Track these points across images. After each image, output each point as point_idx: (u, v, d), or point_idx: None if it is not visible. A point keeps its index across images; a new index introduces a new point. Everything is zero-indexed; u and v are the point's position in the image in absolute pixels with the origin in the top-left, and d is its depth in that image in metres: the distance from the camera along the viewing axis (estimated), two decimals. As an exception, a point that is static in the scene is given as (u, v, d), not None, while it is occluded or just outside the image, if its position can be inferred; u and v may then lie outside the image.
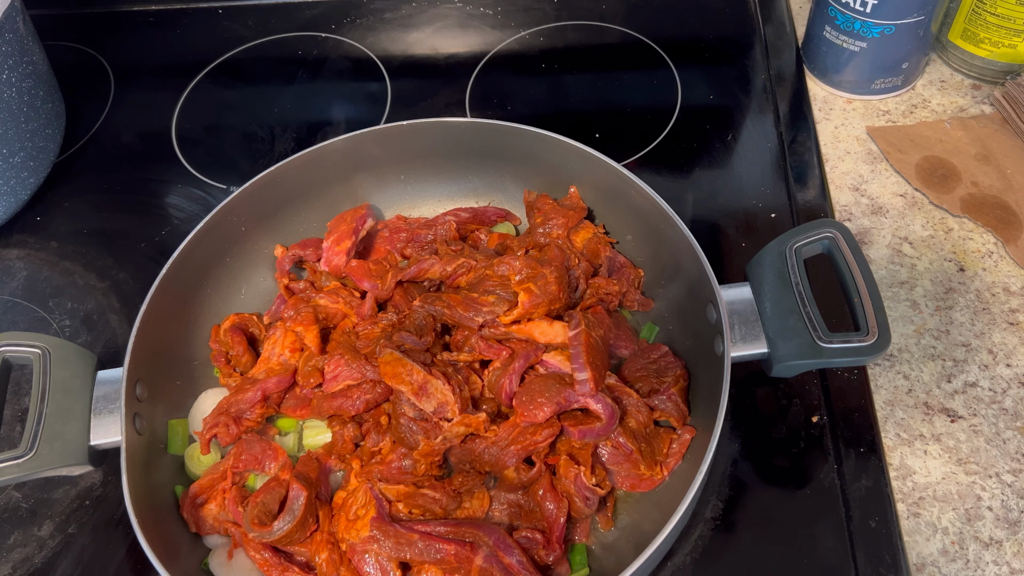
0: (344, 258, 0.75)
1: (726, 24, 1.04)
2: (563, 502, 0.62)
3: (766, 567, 0.63)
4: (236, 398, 0.67)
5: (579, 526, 0.64)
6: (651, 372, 0.68)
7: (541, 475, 0.63)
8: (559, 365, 0.65)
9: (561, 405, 0.62)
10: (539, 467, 0.63)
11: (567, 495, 0.62)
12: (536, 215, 0.76)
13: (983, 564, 0.62)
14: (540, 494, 0.62)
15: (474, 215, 0.80)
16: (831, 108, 0.92)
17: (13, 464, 0.59)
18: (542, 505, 0.62)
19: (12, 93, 0.83)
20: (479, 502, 0.63)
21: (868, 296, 0.59)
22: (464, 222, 0.79)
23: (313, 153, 0.76)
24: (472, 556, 0.58)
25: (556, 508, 0.61)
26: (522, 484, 0.64)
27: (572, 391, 0.62)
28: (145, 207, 0.93)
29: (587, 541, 0.64)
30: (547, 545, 0.61)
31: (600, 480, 0.63)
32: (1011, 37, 0.85)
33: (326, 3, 1.13)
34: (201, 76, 1.06)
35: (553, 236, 0.74)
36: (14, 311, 0.85)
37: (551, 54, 1.03)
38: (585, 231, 0.75)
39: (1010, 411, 0.68)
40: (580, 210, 0.76)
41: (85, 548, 0.69)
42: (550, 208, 0.76)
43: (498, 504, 0.64)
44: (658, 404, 0.66)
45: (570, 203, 0.77)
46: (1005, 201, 0.80)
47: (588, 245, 0.74)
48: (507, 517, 0.63)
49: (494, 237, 0.79)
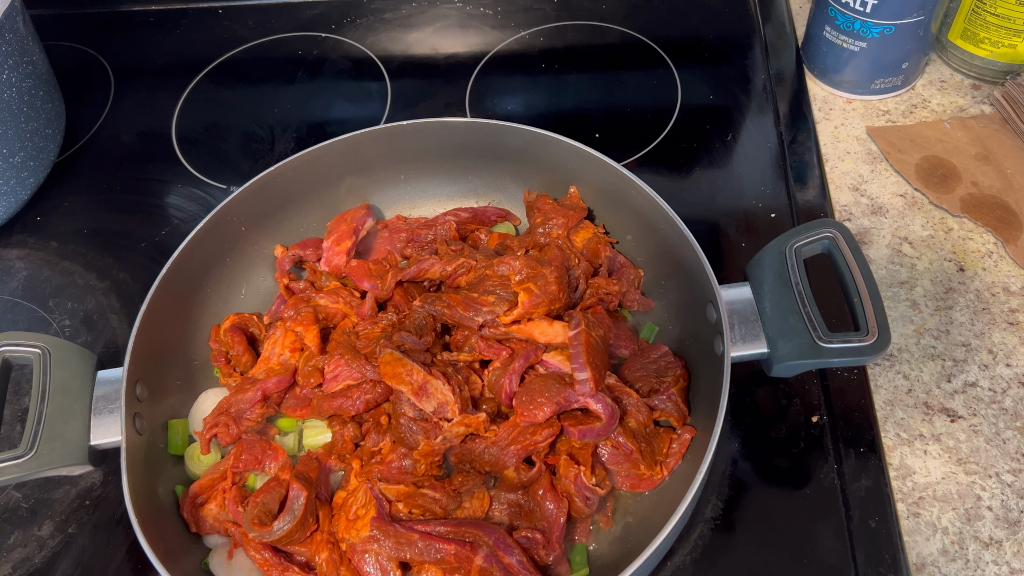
0: (344, 258, 0.75)
1: (726, 24, 1.04)
2: (563, 502, 0.62)
3: (766, 567, 0.63)
4: (236, 398, 0.67)
5: (579, 526, 0.64)
6: (651, 372, 0.68)
7: (541, 475, 0.63)
8: (559, 365, 0.65)
9: (561, 405, 0.62)
10: (539, 467, 0.63)
11: (567, 495, 0.62)
12: (536, 215, 0.76)
13: (983, 564, 0.62)
14: (540, 494, 0.62)
15: (474, 215, 0.80)
16: (831, 108, 0.92)
17: (13, 464, 0.59)
18: (542, 505, 0.62)
19: (12, 93, 0.83)
20: (479, 502, 0.63)
21: (868, 296, 0.59)
22: (464, 222, 0.79)
23: (313, 153, 0.76)
24: (472, 556, 0.58)
25: (556, 508, 0.61)
26: (522, 484, 0.64)
27: (572, 391, 0.62)
28: (145, 207, 0.93)
29: (587, 541, 0.64)
30: (547, 545, 0.61)
31: (600, 480, 0.63)
32: (1011, 37, 0.85)
33: (326, 3, 1.13)
34: (201, 76, 1.06)
35: (553, 236, 0.74)
36: (14, 311, 0.85)
37: (551, 54, 1.03)
38: (585, 231, 0.75)
39: (1010, 411, 0.68)
40: (580, 210, 0.76)
41: (85, 548, 0.69)
42: (550, 208, 0.76)
43: (498, 504, 0.64)
44: (658, 404, 0.66)
45: (570, 203, 0.77)
46: (1005, 201, 0.80)
47: (588, 245, 0.74)
48: (507, 517, 0.63)
49: (494, 237, 0.79)
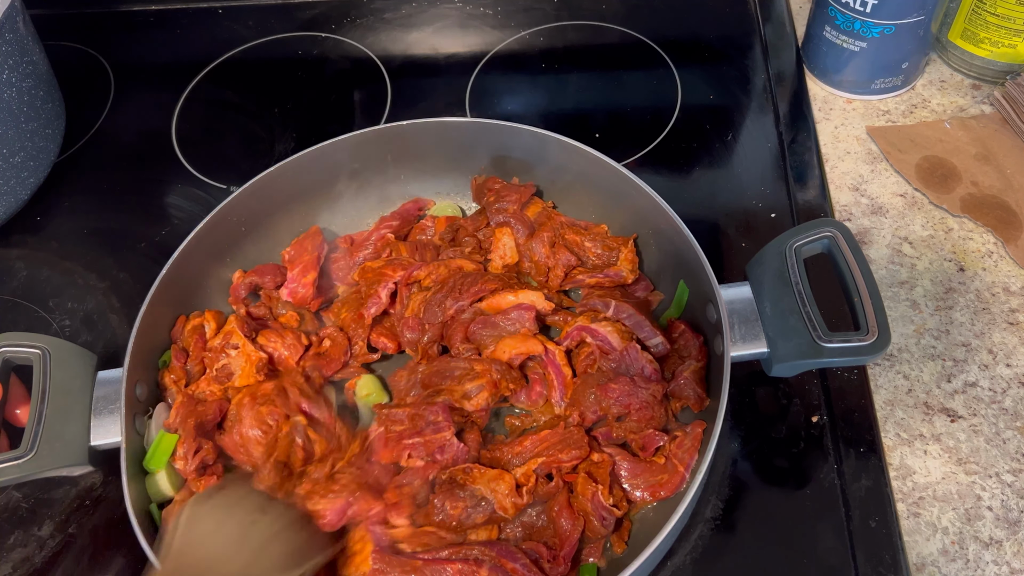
0: (311, 290, 0.75)
1: (726, 24, 1.04)
2: (579, 520, 0.61)
3: (766, 567, 0.63)
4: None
5: (592, 546, 0.62)
6: (673, 352, 0.68)
7: (559, 491, 0.62)
8: (608, 337, 0.66)
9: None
10: (557, 482, 0.63)
11: (583, 513, 0.61)
12: (489, 194, 0.78)
13: (983, 564, 0.62)
14: (556, 510, 0.61)
15: (401, 219, 0.80)
16: (831, 108, 0.92)
17: (14, 464, 0.59)
18: (557, 522, 0.61)
19: (12, 93, 0.83)
20: (486, 532, 0.62)
21: (868, 295, 0.59)
22: (397, 229, 0.79)
23: (313, 153, 0.76)
24: (478, 570, 0.58)
25: (571, 526, 0.60)
26: (539, 498, 0.63)
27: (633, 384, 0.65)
28: (145, 207, 0.93)
29: (599, 562, 0.62)
30: (552, 560, 0.60)
31: (618, 500, 0.62)
32: (1011, 37, 0.85)
33: (326, 3, 1.13)
34: (201, 76, 1.06)
35: (508, 212, 0.76)
36: (14, 311, 0.85)
37: (551, 54, 1.03)
38: (535, 206, 0.78)
39: (1010, 411, 0.68)
40: (529, 186, 0.79)
41: (85, 548, 0.69)
42: (502, 187, 0.78)
43: (511, 527, 0.63)
44: (674, 389, 0.66)
45: (516, 183, 0.80)
46: (1005, 201, 0.80)
47: (539, 218, 0.77)
48: (520, 535, 0.63)
49: (441, 221, 0.80)
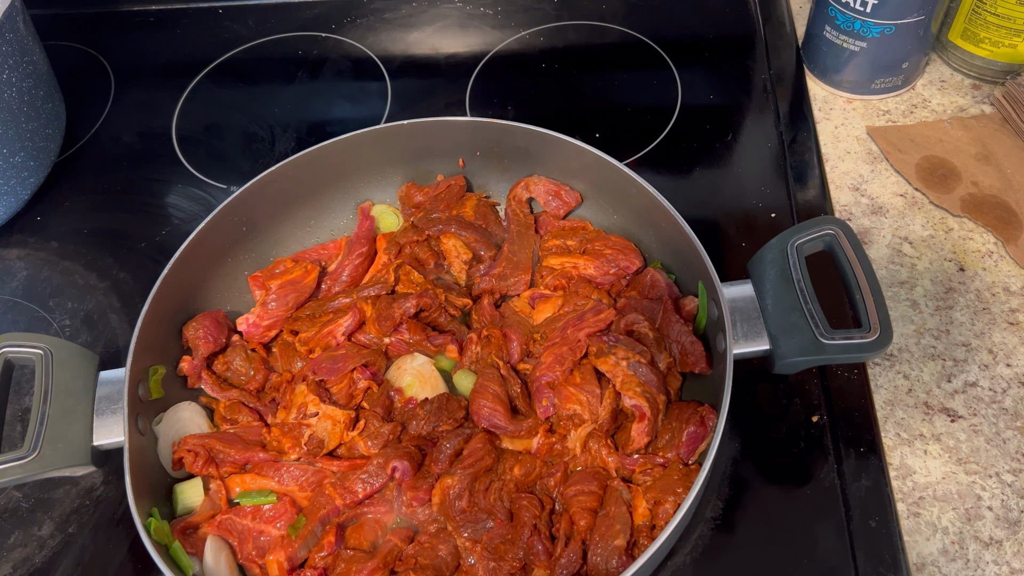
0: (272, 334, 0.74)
1: (726, 24, 1.04)
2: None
3: (766, 567, 0.63)
4: (220, 446, 0.66)
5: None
6: (644, 308, 0.69)
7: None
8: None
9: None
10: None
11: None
12: (415, 212, 0.79)
13: (983, 564, 0.62)
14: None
15: (367, 243, 0.79)
16: (831, 108, 0.92)
17: (16, 465, 0.59)
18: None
19: (12, 93, 0.83)
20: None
21: (870, 292, 0.59)
22: (367, 256, 0.78)
23: (313, 153, 0.76)
24: None
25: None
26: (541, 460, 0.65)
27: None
28: (145, 207, 0.93)
29: None
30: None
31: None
32: (1011, 37, 0.85)
33: (326, 3, 1.13)
34: (201, 76, 1.06)
35: (443, 220, 0.76)
36: (14, 311, 0.85)
37: (551, 54, 1.03)
38: (470, 201, 0.79)
39: (1010, 411, 0.69)
40: (459, 187, 0.79)
41: (85, 548, 0.69)
42: (426, 199, 0.79)
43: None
44: (671, 347, 0.67)
45: (445, 185, 0.79)
46: (1005, 201, 0.80)
47: (478, 210, 0.77)
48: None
49: (381, 240, 0.78)
